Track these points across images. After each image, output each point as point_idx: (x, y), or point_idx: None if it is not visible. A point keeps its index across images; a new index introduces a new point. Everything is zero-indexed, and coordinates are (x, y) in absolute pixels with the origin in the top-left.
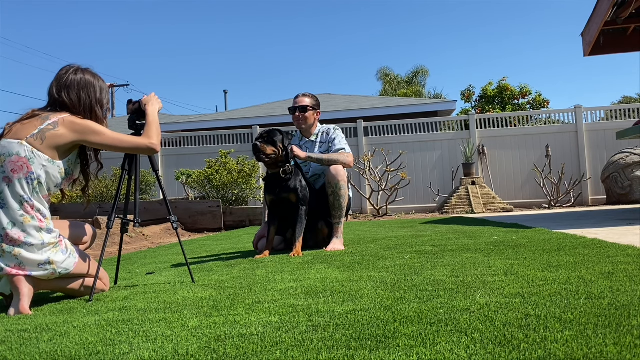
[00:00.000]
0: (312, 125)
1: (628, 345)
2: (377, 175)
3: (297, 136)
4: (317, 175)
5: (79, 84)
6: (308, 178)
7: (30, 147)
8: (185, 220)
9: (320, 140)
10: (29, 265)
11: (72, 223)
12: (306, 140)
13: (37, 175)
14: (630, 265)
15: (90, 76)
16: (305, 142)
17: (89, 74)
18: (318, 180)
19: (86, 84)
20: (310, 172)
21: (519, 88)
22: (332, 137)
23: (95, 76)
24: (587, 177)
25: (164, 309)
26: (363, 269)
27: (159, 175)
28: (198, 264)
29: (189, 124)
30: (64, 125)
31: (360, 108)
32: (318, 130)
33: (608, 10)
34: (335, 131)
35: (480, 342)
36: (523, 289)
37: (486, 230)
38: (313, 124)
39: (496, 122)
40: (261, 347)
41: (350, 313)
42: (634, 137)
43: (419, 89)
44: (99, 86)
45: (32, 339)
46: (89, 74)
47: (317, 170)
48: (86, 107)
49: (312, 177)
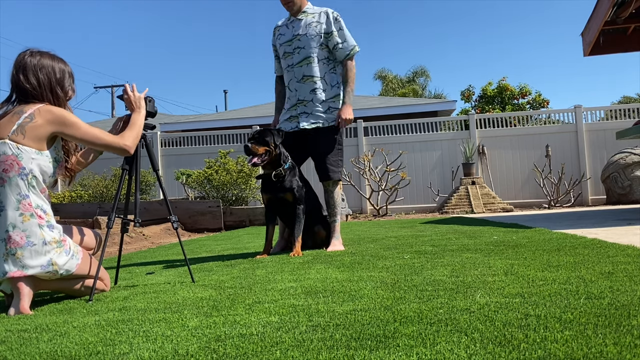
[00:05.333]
0: (301, 3)
1: (628, 345)
2: (377, 175)
3: (285, 23)
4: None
5: (36, 66)
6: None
7: (15, 143)
8: (185, 220)
9: (316, 20)
10: (31, 266)
11: (78, 229)
12: (293, 19)
13: (30, 170)
14: (630, 265)
15: (47, 58)
16: (292, 20)
17: (47, 56)
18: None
19: (43, 66)
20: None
21: (519, 88)
22: (341, 27)
23: (54, 58)
24: (587, 177)
25: (164, 309)
26: (363, 269)
27: (159, 175)
28: (198, 264)
29: (189, 123)
30: (40, 115)
31: (360, 108)
32: (307, 8)
33: (608, 10)
34: (339, 18)
35: (480, 342)
36: (523, 289)
37: (486, 230)
38: (302, 2)
39: (496, 122)
40: (261, 347)
41: (350, 313)
42: (634, 137)
43: (417, 88)
44: (58, 67)
45: (32, 339)
46: (47, 56)
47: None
48: (46, 88)
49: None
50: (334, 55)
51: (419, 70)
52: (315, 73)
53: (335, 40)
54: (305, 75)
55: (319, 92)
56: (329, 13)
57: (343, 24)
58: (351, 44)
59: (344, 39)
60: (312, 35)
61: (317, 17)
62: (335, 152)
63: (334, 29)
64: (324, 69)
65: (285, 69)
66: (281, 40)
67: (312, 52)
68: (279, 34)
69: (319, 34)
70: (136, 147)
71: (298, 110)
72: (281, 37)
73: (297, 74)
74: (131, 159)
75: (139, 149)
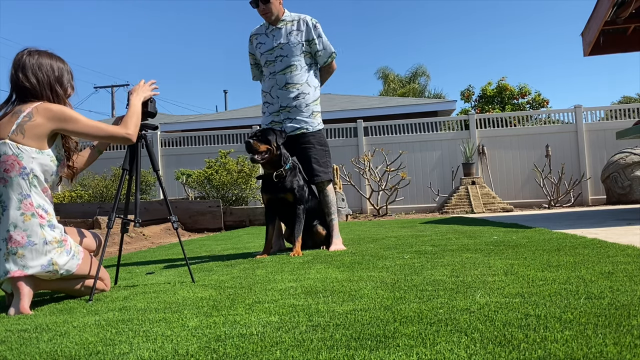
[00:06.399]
0: (279, 12)
1: (628, 345)
2: (377, 175)
3: (263, 31)
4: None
5: (34, 65)
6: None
7: (15, 143)
8: (185, 220)
9: (296, 28)
10: (32, 266)
11: (78, 231)
12: (272, 28)
13: (31, 169)
14: (630, 265)
15: (45, 57)
16: (272, 29)
17: (45, 54)
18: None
19: (42, 64)
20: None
21: (519, 88)
22: (320, 34)
23: (52, 56)
24: (587, 177)
25: (164, 309)
26: (363, 268)
27: (159, 175)
28: (198, 264)
29: (189, 123)
30: (39, 113)
31: (360, 108)
32: (286, 16)
33: (608, 10)
34: (318, 25)
35: (480, 342)
36: (523, 289)
37: (486, 230)
38: (279, 11)
39: (496, 122)
40: (261, 347)
41: (350, 313)
42: (634, 137)
43: (418, 88)
44: (57, 66)
45: (32, 338)
46: (45, 54)
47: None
48: (46, 87)
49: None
50: (315, 60)
51: (419, 70)
52: (298, 80)
53: (316, 47)
54: (288, 82)
55: (302, 97)
56: (308, 20)
57: (321, 31)
58: (330, 50)
59: (323, 46)
60: (294, 44)
61: (296, 24)
62: (322, 153)
63: (315, 36)
64: (306, 75)
65: (267, 76)
66: (262, 49)
67: (295, 60)
68: (257, 42)
69: (301, 42)
70: (136, 147)
71: (281, 116)
72: (261, 46)
73: (280, 81)
74: (132, 158)
75: (139, 149)
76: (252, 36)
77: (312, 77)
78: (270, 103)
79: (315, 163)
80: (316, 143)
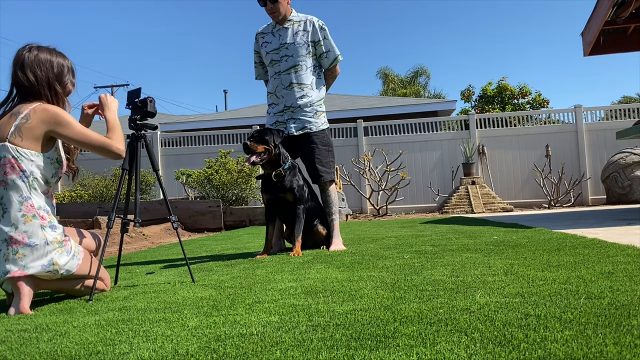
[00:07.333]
0: (286, 12)
1: (628, 345)
2: (377, 175)
3: (269, 30)
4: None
5: (33, 62)
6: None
7: (14, 146)
8: (185, 220)
9: (303, 28)
10: (32, 266)
11: (78, 231)
12: (279, 27)
13: (30, 172)
14: (630, 265)
15: (45, 52)
16: (279, 29)
17: (45, 50)
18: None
19: (40, 61)
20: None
21: (519, 88)
22: (326, 36)
23: (52, 52)
24: (587, 177)
25: (164, 308)
26: (363, 268)
27: (159, 175)
28: (198, 264)
29: (189, 123)
30: (35, 115)
31: (360, 108)
32: (293, 17)
33: (608, 10)
34: (325, 27)
35: (480, 342)
36: (523, 289)
37: (486, 230)
38: (287, 11)
39: (496, 122)
40: (261, 347)
41: (350, 313)
42: (634, 137)
43: (418, 88)
44: (57, 62)
45: (32, 338)
46: (45, 50)
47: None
48: (45, 85)
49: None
50: (319, 62)
51: (420, 70)
52: (303, 80)
53: (321, 49)
54: (293, 82)
55: (306, 98)
56: (315, 22)
57: (328, 33)
58: (335, 53)
59: (328, 48)
60: (300, 44)
61: (303, 25)
62: (325, 154)
63: (320, 38)
64: (311, 76)
65: (272, 76)
66: (268, 48)
67: (300, 60)
68: (264, 41)
69: (307, 43)
70: (136, 147)
71: (285, 116)
72: (267, 45)
73: (284, 81)
74: (131, 158)
75: (139, 148)
76: (258, 34)
77: (317, 77)
78: (275, 104)
79: (319, 163)
80: (320, 143)
